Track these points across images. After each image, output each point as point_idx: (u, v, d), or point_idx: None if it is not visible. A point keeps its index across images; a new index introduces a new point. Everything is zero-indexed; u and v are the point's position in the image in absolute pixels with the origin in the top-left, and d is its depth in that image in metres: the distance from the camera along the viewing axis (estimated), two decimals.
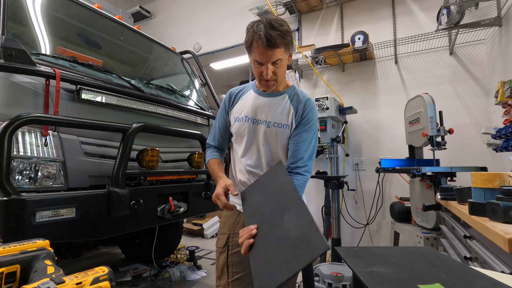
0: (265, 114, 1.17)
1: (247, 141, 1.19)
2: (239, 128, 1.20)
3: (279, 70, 1.10)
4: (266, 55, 1.03)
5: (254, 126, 1.17)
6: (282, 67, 1.11)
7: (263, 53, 1.03)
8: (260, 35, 1.01)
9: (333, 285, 1.63)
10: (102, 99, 1.73)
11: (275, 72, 1.08)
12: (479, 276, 0.67)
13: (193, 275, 2.77)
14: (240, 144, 1.21)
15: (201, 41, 4.51)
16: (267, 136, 1.16)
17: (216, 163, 1.25)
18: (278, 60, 1.06)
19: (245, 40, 1.10)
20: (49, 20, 1.78)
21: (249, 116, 1.18)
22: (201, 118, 2.53)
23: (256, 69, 1.10)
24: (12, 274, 0.59)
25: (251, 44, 1.06)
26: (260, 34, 1.01)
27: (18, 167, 1.34)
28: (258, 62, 1.07)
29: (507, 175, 1.06)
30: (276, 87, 1.17)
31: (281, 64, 1.09)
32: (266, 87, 1.15)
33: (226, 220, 1.23)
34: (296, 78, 3.40)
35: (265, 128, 1.16)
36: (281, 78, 1.14)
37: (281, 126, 1.15)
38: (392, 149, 3.06)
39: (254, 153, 1.18)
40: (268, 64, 1.06)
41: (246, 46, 1.10)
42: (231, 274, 1.11)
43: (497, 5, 2.40)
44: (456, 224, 1.48)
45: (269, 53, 1.03)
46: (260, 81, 1.14)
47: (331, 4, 3.51)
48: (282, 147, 1.17)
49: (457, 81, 2.84)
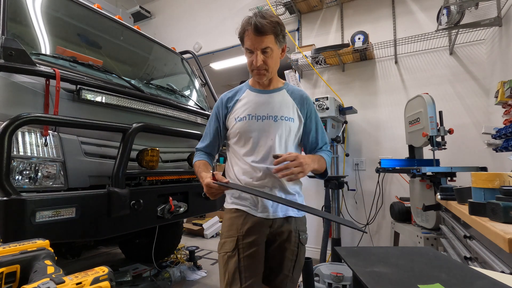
0: (270, 110, 1.19)
1: (255, 138, 1.17)
2: (243, 127, 1.18)
3: (270, 60, 1.13)
4: (255, 41, 1.09)
5: (259, 122, 1.17)
6: (273, 57, 1.14)
7: (253, 39, 1.09)
8: (250, 23, 1.08)
9: (333, 285, 1.63)
10: (102, 99, 1.73)
11: (266, 61, 1.12)
12: (479, 276, 0.67)
13: (193, 275, 2.77)
14: (246, 143, 1.19)
15: (201, 41, 4.51)
16: (277, 130, 1.16)
17: (202, 164, 1.24)
18: (268, 48, 1.10)
19: (238, 32, 1.15)
20: (49, 20, 1.78)
21: (253, 114, 1.19)
22: (201, 118, 2.53)
23: (248, 59, 1.14)
24: (12, 274, 0.59)
25: (243, 33, 1.12)
26: (251, 21, 1.08)
27: (18, 167, 1.34)
28: (249, 50, 1.12)
29: (507, 175, 1.06)
30: (267, 79, 1.20)
31: (272, 54, 1.12)
32: (258, 77, 1.17)
33: (232, 222, 1.16)
34: (296, 78, 3.40)
35: (273, 123, 1.17)
36: (272, 69, 1.17)
37: (287, 119, 1.19)
38: (392, 149, 3.06)
39: (262, 149, 1.16)
40: (258, 52, 1.10)
41: (239, 37, 1.15)
42: (244, 279, 1.06)
43: (497, 5, 2.40)
44: (456, 224, 1.48)
45: (258, 39, 1.08)
46: (252, 71, 1.17)
47: (331, 4, 3.51)
48: (291, 140, 1.21)
49: (457, 81, 2.84)
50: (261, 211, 1.15)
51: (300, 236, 1.20)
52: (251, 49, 1.11)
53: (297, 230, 1.20)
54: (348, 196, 3.24)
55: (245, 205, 1.17)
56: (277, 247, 1.18)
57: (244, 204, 1.17)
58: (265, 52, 1.11)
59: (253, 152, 1.18)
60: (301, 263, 1.24)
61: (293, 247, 1.18)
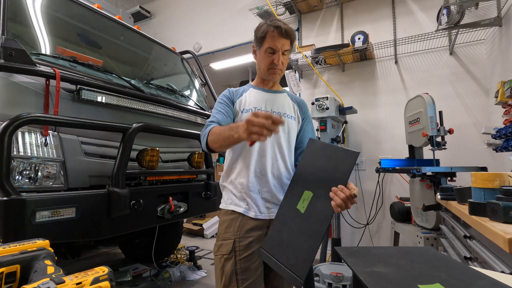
0: (274, 106, 1.23)
1: None
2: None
3: (285, 62, 1.22)
4: (281, 42, 1.16)
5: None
6: (287, 60, 1.23)
7: (278, 40, 1.15)
8: (277, 25, 1.15)
9: (333, 285, 1.63)
10: (102, 99, 1.73)
11: (283, 62, 1.20)
12: (479, 276, 0.67)
13: (193, 275, 2.77)
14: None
15: (201, 41, 4.51)
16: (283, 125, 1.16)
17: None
18: (287, 50, 1.19)
19: (258, 32, 1.20)
20: (49, 20, 1.78)
21: (258, 107, 1.20)
22: (201, 118, 2.53)
23: (268, 58, 1.18)
24: (12, 274, 0.59)
25: (265, 33, 1.17)
26: (278, 24, 1.15)
27: (18, 167, 1.34)
28: (272, 49, 1.17)
29: (507, 175, 1.06)
30: (279, 79, 1.27)
31: (287, 57, 1.22)
32: (273, 76, 1.22)
33: (229, 224, 1.16)
34: (296, 78, 3.39)
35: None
36: (284, 71, 1.25)
37: (290, 117, 1.25)
38: (392, 149, 3.06)
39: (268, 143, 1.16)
40: (280, 52, 1.17)
41: (260, 36, 1.19)
42: (240, 281, 1.07)
43: (497, 5, 2.40)
44: (456, 224, 1.48)
45: (283, 41, 1.16)
46: (268, 70, 1.20)
47: (331, 4, 3.51)
48: (292, 137, 1.25)
49: (457, 81, 2.84)
50: (257, 212, 1.15)
51: None
52: (274, 49, 1.17)
53: None
54: None
55: (241, 207, 1.16)
56: None
57: (240, 205, 1.16)
58: (284, 54, 1.19)
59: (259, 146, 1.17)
60: None
61: None
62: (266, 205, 1.16)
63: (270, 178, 1.16)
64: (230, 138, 0.95)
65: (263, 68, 1.21)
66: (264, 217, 1.15)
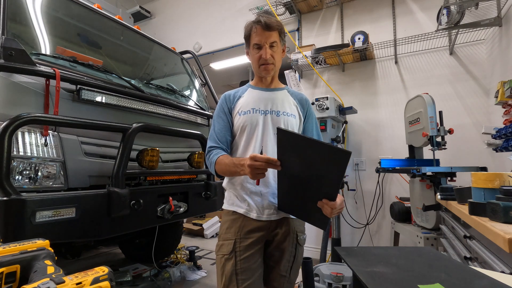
0: (273, 105, 1.22)
1: (259, 131, 1.16)
2: (247, 120, 1.18)
3: (276, 55, 1.19)
4: (264, 36, 1.15)
5: (263, 116, 1.19)
6: (278, 53, 1.21)
7: (262, 34, 1.15)
8: (258, 21, 1.15)
9: (333, 285, 1.63)
10: (102, 99, 1.73)
11: (273, 55, 1.18)
12: (479, 276, 0.67)
13: (193, 275, 2.77)
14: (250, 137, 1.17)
15: (201, 41, 4.51)
16: (280, 124, 1.17)
17: (229, 157, 1.16)
18: (274, 42, 1.17)
19: (244, 33, 1.21)
20: (49, 20, 1.78)
21: (256, 108, 1.20)
22: (201, 118, 2.53)
23: (256, 55, 1.18)
24: (12, 274, 0.59)
25: (250, 31, 1.18)
26: (259, 20, 1.15)
27: (18, 167, 1.34)
28: (257, 45, 1.17)
29: (507, 175, 1.06)
30: (273, 74, 1.24)
31: (277, 49, 1.19)
32: (265, 72, 1.21)
33: (230, 225, 1.17)
34: (296, 78, 3.40)
35: (275, 117, 1.19)
36: (277, 65, 1.23)
37: (289, 115, 1.22)
38: (392, 149, 3.06)
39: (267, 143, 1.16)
40: (266, 45, 1.16)
41: (245, 36, 1.21)
42: (240, 281, 1.08)
43: (497, 5, 2.41)
44: (456, 224, 1.48)
45: (267, 34, 1.15)
46: (260, 66, 1.20)
47: (331, 4, 3.51)
48: None
49: (457, 81, 2.84)
50: (259, 213, 1.15)
51: (298, 237, 1.20)
52: (260, 44, 1.16)
53: (295, 231, 1.20)
54: (348, 196, 3.24)
55: (243, 208, 1.16)
56: (274, 248, 1.18)
57: (241, 207, 1.17)
58: (272, 47, 1.17)
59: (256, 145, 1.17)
60: (299, 264, 1.24)
61: (291, 248, 1.18)
62: (267, 207, 1.16)
63: (271, 179, 1.16)
64: (237, 174, 1.11)
65: (255, 65, 1.22)
66: (265, 219, 1.15)
